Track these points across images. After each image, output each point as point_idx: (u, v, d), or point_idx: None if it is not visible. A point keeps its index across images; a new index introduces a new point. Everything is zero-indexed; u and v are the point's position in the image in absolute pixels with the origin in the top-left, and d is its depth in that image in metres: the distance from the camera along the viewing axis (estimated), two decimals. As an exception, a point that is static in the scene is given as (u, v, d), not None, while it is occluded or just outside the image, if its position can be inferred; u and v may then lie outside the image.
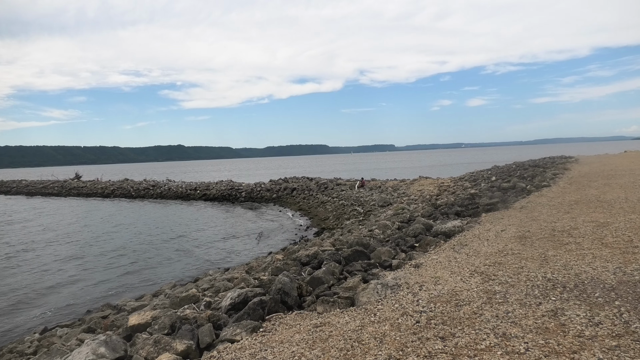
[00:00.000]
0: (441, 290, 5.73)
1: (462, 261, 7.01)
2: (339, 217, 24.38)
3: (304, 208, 31.08)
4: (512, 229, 9.03)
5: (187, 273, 15.21)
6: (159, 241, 21.19)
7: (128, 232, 24.31)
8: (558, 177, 18.72)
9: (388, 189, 28.50)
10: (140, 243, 20.84)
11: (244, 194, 39.56)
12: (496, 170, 27.19)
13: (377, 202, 23.78)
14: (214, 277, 11.74)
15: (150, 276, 14.96)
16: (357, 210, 23.95)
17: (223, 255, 17.90)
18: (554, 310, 4.77)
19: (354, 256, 8.55)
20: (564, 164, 26.69)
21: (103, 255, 18.39)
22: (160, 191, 46.81)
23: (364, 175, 41.89)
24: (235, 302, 6.51)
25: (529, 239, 8.06)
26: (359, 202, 25.95)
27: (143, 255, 18.22)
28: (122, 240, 21.66)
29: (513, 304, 5.05)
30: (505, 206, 12.48)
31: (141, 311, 7.38)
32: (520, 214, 10.80)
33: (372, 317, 5.19)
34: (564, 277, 5.78)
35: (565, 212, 10.35)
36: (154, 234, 23.43)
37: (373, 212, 21.95)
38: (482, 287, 5.68)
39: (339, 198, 29.31)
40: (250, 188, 40.77)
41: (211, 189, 43.60)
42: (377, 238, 11.01)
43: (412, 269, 7.04)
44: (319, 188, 34.59)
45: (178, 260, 17.20)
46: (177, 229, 24.85)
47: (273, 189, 39.10)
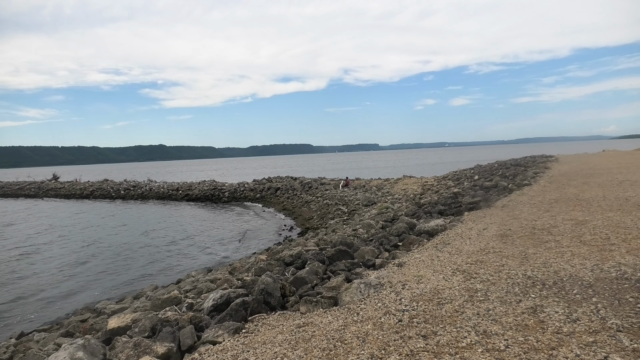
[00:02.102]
0: (424, 289, 5.79)
1: (444, 260, 7.10)
2: (323, 217, 24.42)
3: (288, 208, 31.03)
4: (493, 228, 9.16)
5: (169, 275, 15.04)
6: (139, 243, 20.90)
7: (108, 233, 23.92)
8: (539, 176, 19.07)
9: (372, 189, 28.65)
10: (120, 245, 20.52)
11: (227, 194, 39.32)
12: (479, 169, 27.56)
13: (361, 202, 23.88)
14: (197, 278, 11.64)
15: (131, 278, 14.75)
16: (342, 210, 24.01)
17: (206, 256, 17.76)
18: (534, 307, 4.86)
19: (338, 256, 8.58)
20: (544, 163, 27.19)
21: (82, 257, 18.06)
22: (141, 192, 46.17)
23: (349, 175, 42.03)
24: (218, 304, 6.47)
25: (510, 237, 8.20)
26: (343, 202, 26.03)
27: (123, 257, 17.96)
28: (102, 242, 21.30)
29: (494, 301, 5.13)
30: (488, 205, 12.66)
31: (121, 314, 7.28)
32: (502, 213, 10.97)
33: (355, 317, 5.21)
34: (544, 275, 5.90)
35: (545, 211, 10.56)
36: (134, 235, 23.10)
37: (357, 211, 22.04)
38: (463, 286, 5.76)
39: (323, 198, 29.34)
40: (233, 188, 40.53)
41: (194, 189, 43.21)
42: (361, 237, 11.06)
43: (395, 268, 7.09)
44: (303, 188, 34.57)
45: (160, 261, 17.00)
46: (158, 230, 24.56)
47: (257, 188, 38.95)
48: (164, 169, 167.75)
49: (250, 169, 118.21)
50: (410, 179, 29.75)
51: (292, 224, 25.40)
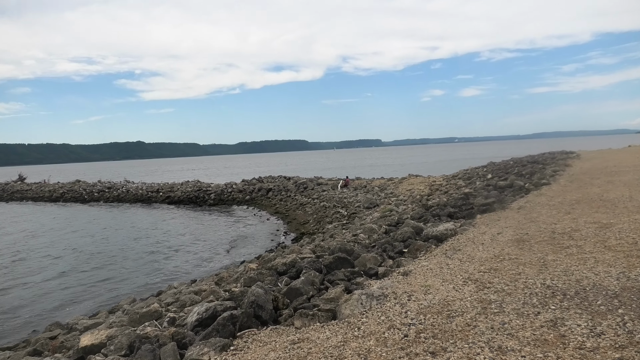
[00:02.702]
0: (432, 300, 5.79)
1: (454, 268, 7.10)
2: (319, 221, 24.43)
3: (281, 211, 31.03)
4: (509, 232, 9.18)
5: (148, 286, 14.99)
6: (116, 251, 20.83)
7: (80, 240, 23.82)
8: (558, 175, 19.15)
9: (374, 189, 28.68)
10: (94, 253, 20.44)
11: (213, 196, 39.29)
12: (492, 167, 27.64)
13: (362, 204, 23.91)
14: (179, 290, 11.61)
15: (106, 290, 14.69)
16: (340, 213, 24.03)
17: (190, 265, 17.72)
18: (554, 320, 4.87)
19: (337, 264, 8.57)
20: (564, 159, 27.31)
21: (51, 267, 17.97)
22: (117, 194, 46.06)
23: (348, 174, 42.05)
24: (203, 318, 6.45)
25: (527, 242, 8.21)
26: (342, 204, 26.04)
27: (98, 267, 17.89)
28: (73, 250, 21.20)
29: (510, 314, 5.14)
30: (502, 206, 12.68)
31: (95, 330, 7.25)
32: (518, 215, 10.99)
33: (356, 332, 5.21)
34: (564, 284, 5.91)
35: (566, 213, 10.59)
36: (110, 242, 23.02)
37: (358, 214, 22.05)
38: (476, 296, 5.76)
39: (320, 199, 29.35)
40: (220, 189, 40.52)
41: (176, 190, 43.12)
42: (362, 243, 11.06)
43: (400, 277, 7.09)
44: (298, 188, 34.57)
45: (138, 271, 16.94)
46: (136, 236, 24.48)
47: (246, 189, 38.93)
48: (142, 168, 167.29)
49: (239, 168, 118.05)
50: (416, 179, 29.81)
51: (285, 228, 25.38)
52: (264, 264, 11.12)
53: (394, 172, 52.11)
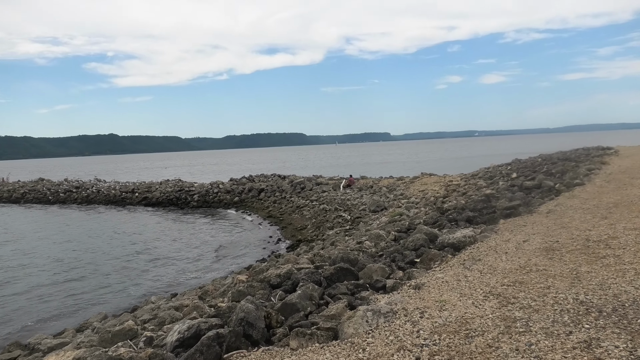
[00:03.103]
0: (448, 318, 5.78)
1: (474, 280, 7.09)
2: (319, 226, 24.44)
3: (275, 214, 31.03)
4: (536, 239, 9.18)
5: (122, 301, 14.98)
6: (85, 260, 20.82)
7: (43, 248, 23.81)
8: (594, 174, 19.14)
9: (382, 190, 28.68)
10: (59, 262, 20.43)
11: (197, 197, 39.34)
12: (517, 165, 27.63)
13: (368, 207, 23.92)
14: (158, 305, 11.60)
15: (74, 306, 14.68)
16: (343, 217, 24.03)
17: (169, 277, 17.72)
18: (588, 340, 4.86)
19: (339, 275, 8.57)
20: (600, 156, 27.31)
21: (10, 278, 17.96)
22: (86, 194, 46.09)
23: (352, 172, 42.05)
24: (185, 337, 6.44)
25: (557, 251, 8.21)
26: (346, 207, 26.05)
27: (64, 278, 17.88)
28: (35, 259, 21.19)
29: (537, 333, 5.13)
30: (529, 210, 12.67)
31: (60, 351, 7.24)
32: (547, 220, 10.99)
33: (361, 354, 5.19)
34: (600, 299, 5.90)
35: (602, 218, 10.58)
36: (78, 250, 23.02)
37: (363, 219, 22.05)
38: (499, 313, 5.76)
39: (319, 201, 29.36)
40: (204, 189, 40.58)
41: (154, 190, 43.15)
42: (368, 252, 11.05)
43: (412, 290, 7.08)
44: (294, 189, 34.57)
45: (110, 284, 16.93)
46: (109, 244, 24.49)
47: (234, 190, 38.97)
48: (115, 165, 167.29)
49: (227, 165, 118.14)
50: (430, 178, 29.82)
51: (279, 235, 25.39)
52: (255, 275, 11.11)
53: (405, 170, 52.09)
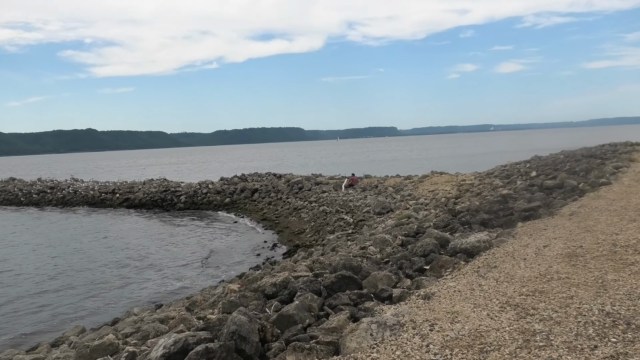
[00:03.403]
0: (460, 331, 5.79)
1: (489, 289, 7.10)
2: (318, 230, 24.45)
3: (270, 217, 31.06)
4: (558, 244, 9.17)
5: (101, 312, 14.99)
6: (61, 267, 20.84)
7: (16, 255, 23.81)
8: (621, 172, 19.14)
9: (388, 190, 28.70)
10: (32, 270, 20.43)
11: (184, 198, 39.37)
12: (537, 162, 27.63)
13: (372, 208, 23.92)
14: (141, 317, 11.60)
15: (49, 317, 14.69)
16: (345, 220, 24.04)
17: (154, 286, 17.73)
18: (615, 356, 4.86)
19: (340, 284, 8.57)
20: (629, 153, 27.30)
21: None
22: (62, 195, 46.11)
23: (355, 171, 42.06)
24: (171, 353, 6.44)
25: (581, 257, 8.21)
26: (348, 209, 26.06)
27: (37, 287, 17.88)
28: (8, 266, 21.19)
29: (559, 348, 5.13)
30: (550, 212, 12.67)
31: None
32: (570, 223, 10.99)
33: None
34: (629, 311, 5.90)
35: (630, 220, 10.58)
36: (54, 257, 23.02)
37: (367, 222, 22.05)
38: (516, 326, 5.76)
39: (319, 203, 29.36)
40: (192, 190, 40.62)
41: (136, 191, 43.18)
42: (373, 259, 11.05)
43: (421, 301, 7.09)
44: (291, 189, 34.58)
45: (89, 294, 16.95)
46: (88, 249, 24.50)
47: (225, 190, 39.00)
48: (94, 163, 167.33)
49: (217, 163, 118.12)
50: (440, 177, 29.81)
51: (275, 239, 25.40)
52: (248, 284, 11.12)
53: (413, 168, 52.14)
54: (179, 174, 75.70)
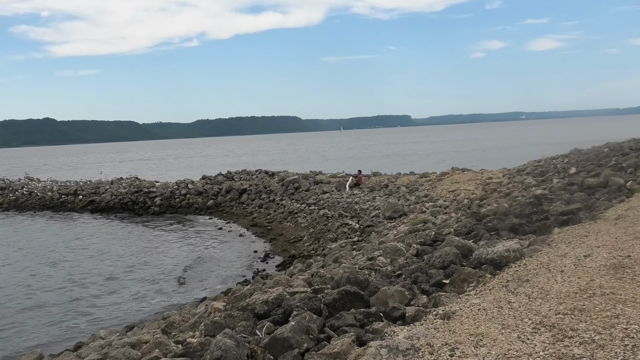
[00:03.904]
0: (486, 357, 5.77)
1: (520, 307, 7.08)
2: (318, 238, 24.44)
3: (261, 223, 31.04)
4: (602, 254, 9.15)
5: (62, 335, 14.97)
6: (14, 282, 20.83)
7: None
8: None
9: (400, 190, 28.68)
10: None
11: (159, 201, 39.35)
12: (577, 156, 27.59)
13: (382, 212, 23.91)
14: (109, 340, 11.60)
15: (1, 341, 14.67)
16: (350, 226, 24.03)
17: (124, 304, 17.72)
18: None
19: (344, 302, 8.55)
20: (686, 145, 27.30)
21: None
22: (14, 197, 46.07)
23: (361, 167, 42.03)
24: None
25: (629, 269, 8.19)
26: (353, 212, 26.05)
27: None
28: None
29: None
30: (592, 216, 12.63)
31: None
32: (616, 229, 10.97)
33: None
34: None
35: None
36: (7, 270, 23.00)
37: (375, 227, 22.05)
38: (552, 350, 5.75)
39: (318, 205, 29.35)
40: (169, 190, 40.68)
41: (103, 192, 43.18)
42: (382, 271, 11.05)
43: (439, 321, 7.08)
44: (286, 189, 34.55)
45: (49, 314, 16.92)
46: (47, 261, 24.45)
47: (208, 191, 39.00)
48: (54, 158, 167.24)
49: (199, 159, 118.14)
50: (463, 174, 29.79)
51: (266, 249, 25.39)
52: (235, 302, 11.12)
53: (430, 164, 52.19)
54: (153, 171, 75.77)
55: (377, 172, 38.11)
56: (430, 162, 60.48)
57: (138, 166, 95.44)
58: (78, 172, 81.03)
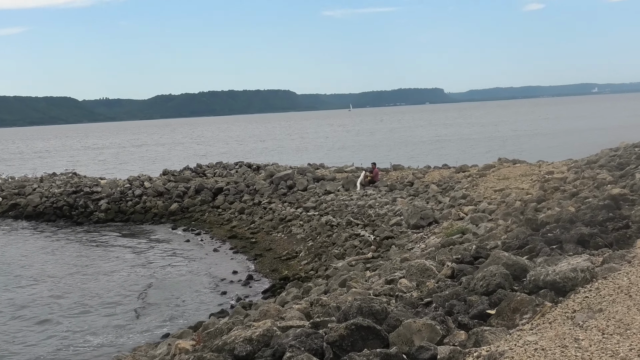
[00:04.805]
0: (546, 413, 5.79)
1: (591, 347, 7.07)
2: (319, 254, 24.39)
3: (242, 233, 31.02)
4: (700, 274, 9.15)
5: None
6: None
7: None
8: None
9: (430, 189, 28.62)
10: None
11: (105, 205, 39.23)
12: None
13: (405, 218, 23.87)
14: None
15: None
16: (362, 237, 23.98)
17: (58, 344, 17.69)
18: None
19: (354, 340, 8.54)
20: None
21: None
22: None
23: (376, 159, 42.04)
24: None
25: None
26: (366, 219, 26.04)
27: None
28: None
29: None
30: (687, 223, 12.62)
31: None
32: None
33: None
34: None
35: None
36: None
37: (396, 239, 22.03)
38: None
39: (320, 210, 29.35)
40: (118, 190, 40.74)
41: (29, 192, 43.16)
42: (406, 298, 11.04)
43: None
44: (276, 188, 34.54)
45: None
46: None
47: (171, 191, 39.10)
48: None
49: (160, 148, 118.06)
50: (514, 168, 29.77)
51: (250, 268, 25.35)
52: (207, 340, 11.14)
53: (469, 155, 52.26)
54: (98, 165, 75.83)
55: (398, 164, 38.09)
56: (470, 152, 60.54)
57: (77, 158, 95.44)
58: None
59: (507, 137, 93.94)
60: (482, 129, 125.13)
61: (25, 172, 54.82)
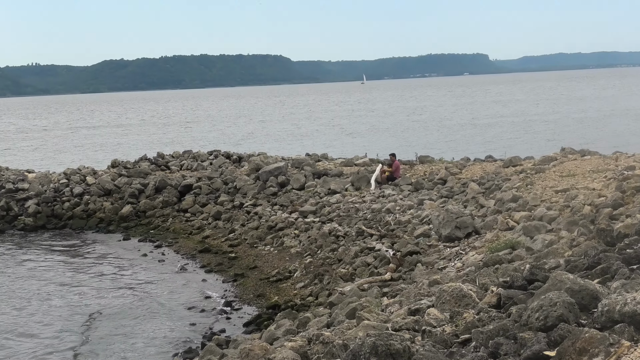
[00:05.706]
0: None
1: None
2: (320, 274, 24.40)
3: (218, 246, 31.02)
4: None
5: None
6: None
7: None
8: None
9: (469, 189, 28.65)
10: None
11: (34, 206, 39.14)
12: None
13: (435, 228, 23.91)
14: None
15: None
16: (377, 252, 23.99)
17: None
18: None
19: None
20: None
21: None
22: None
23: (396, 149, 42.14)
24: None
25: None
26: (383, 228, 26.06)
27: None
28: None
29: None
30: None
31: None
32: None
33: None
34: None
35: None
36: None
37: (423, 255, 22.06)
38: None
39: (320, 215, 29.39)
40: (51, 188, 40.90)
41: None
42: (436, 334, 11.07)
43: None
44: (263, 186, 34.57)
45: None
46: None
47: (123, 189, 39.09)
48: None
49: (107, 130, 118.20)
50: (582, 161, 29.81)
51: (228, 292, 25.39)
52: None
53: (522, 143, 52.37)
54: (24, 153, 75.89)
55: (426, 156, 38.23)
56: (522, 141, 60.63)
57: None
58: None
59: (574, 118, 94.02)
60: (539, 108, 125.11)
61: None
